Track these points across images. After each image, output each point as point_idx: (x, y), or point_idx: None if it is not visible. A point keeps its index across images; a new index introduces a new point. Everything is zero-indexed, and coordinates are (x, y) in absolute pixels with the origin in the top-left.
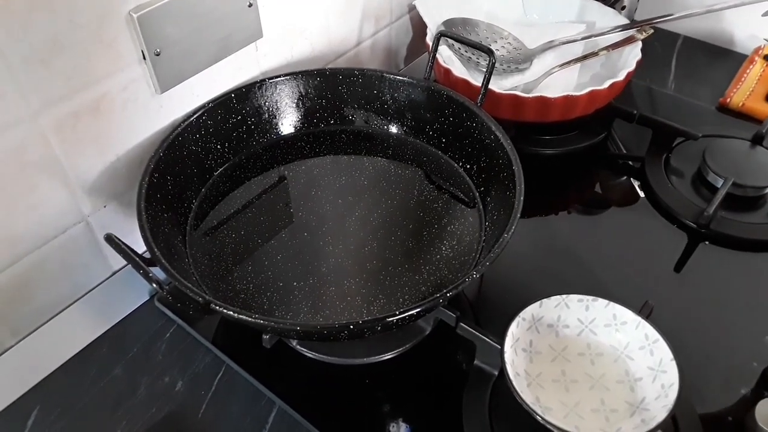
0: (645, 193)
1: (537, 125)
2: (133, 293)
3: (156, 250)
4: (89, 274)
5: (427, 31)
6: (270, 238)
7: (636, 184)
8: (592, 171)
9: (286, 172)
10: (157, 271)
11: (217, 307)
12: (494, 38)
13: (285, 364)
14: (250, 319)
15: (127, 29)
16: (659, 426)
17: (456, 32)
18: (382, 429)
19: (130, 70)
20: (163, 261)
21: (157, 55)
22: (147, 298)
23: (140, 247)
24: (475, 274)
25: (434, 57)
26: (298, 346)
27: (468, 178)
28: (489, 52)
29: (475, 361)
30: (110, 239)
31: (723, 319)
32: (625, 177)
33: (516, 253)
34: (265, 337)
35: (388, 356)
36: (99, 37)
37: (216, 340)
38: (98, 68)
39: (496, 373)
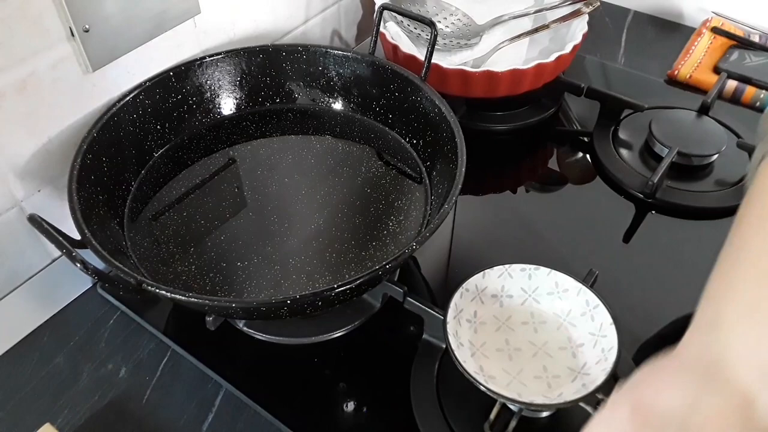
0: (594, 166)
1: (486, 101)
2: (75, 281)
3: (86, 230)
4: (27, 262)
5: (375, 6)
6: (213, 220)
7: (587, 157)
8: (543, 146)
9: (230, 153)
10: (94, 259)
11: (150, 287)
12: (443, 14)
13: (232, 346)
14: (183, 297)
15: (53, 4)
16: (599, 389)
17: (400, 7)
18: (330, 406)
19: (58, 47)
20: (93, 242)
21: (86, 31)
22: (89, 285)
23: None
24: (415, 246)
25: (378, 30)
26: (246, 328)
27: (414, 154)
28: (431, 24)
29: (424, 335)
30: (33, 219)
31: (667, 284)
32: (580, 154)
33: (474, 230)
34: (209, 318)
35: (337, 334)
36: (23, 12)
37: (162, 326)
38: (24, 45)
39: (444, 346)
